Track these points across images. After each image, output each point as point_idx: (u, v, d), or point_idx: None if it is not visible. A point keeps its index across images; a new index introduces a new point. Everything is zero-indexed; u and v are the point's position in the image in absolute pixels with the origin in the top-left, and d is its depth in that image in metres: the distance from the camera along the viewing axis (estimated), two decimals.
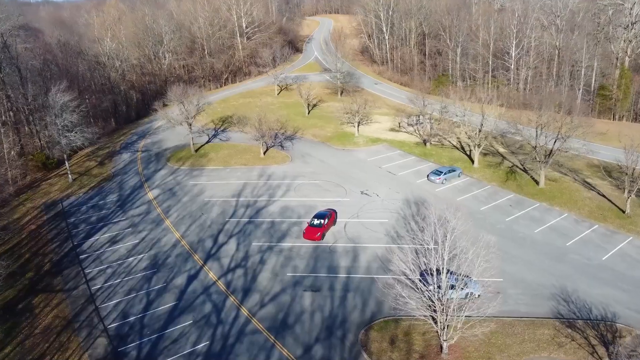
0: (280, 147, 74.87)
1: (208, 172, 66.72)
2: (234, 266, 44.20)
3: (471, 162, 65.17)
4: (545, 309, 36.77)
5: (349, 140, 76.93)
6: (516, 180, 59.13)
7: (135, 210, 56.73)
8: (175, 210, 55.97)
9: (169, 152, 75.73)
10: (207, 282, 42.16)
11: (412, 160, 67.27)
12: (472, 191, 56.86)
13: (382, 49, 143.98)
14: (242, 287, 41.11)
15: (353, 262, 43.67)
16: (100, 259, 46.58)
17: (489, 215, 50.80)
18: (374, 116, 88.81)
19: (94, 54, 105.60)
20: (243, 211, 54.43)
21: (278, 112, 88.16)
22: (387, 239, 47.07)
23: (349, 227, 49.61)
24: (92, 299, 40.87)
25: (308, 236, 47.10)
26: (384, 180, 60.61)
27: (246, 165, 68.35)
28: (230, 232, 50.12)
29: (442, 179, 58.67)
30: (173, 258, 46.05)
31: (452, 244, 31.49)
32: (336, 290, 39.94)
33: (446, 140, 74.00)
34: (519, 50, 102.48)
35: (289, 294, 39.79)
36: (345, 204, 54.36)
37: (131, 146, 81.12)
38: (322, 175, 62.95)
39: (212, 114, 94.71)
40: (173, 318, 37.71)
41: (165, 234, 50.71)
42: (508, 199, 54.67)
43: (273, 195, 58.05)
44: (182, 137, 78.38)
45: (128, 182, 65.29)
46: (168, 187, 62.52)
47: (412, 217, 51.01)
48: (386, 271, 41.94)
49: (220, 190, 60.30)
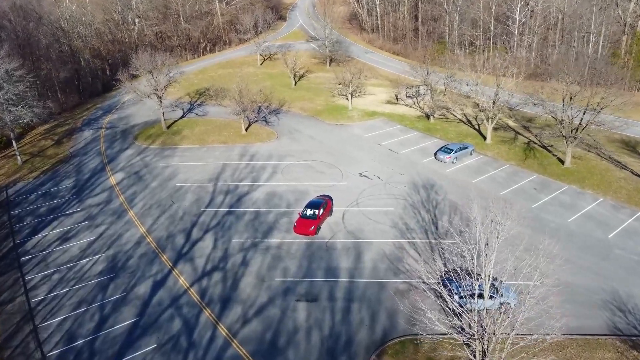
0: (264, 122, 66.15)
1: (181, 152, 57.88)
2: (210, 269, 36.12)
3: (482, 137, 57.40)
4: (599, 321, 29.67)
5: (342, 114, 68.40)
6: (537, 158, 51.61)
7: (94, 198, 47.95)
8: (141, 198, 47.35)
9: (138, 129, 66.44)
10: (177, 290, 34.09)
11: (415, 137, 59.19)
12: (487, 171, 49.23)
13: (372, 15, 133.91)
14: (220, 296, 33.15)
15: (356, 262, 35.91)
16: (47, 262, 38.08)
17: (512, 201, 43.26)
18: (368, 87, 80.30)
19: (55, 18, 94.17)
20: (222, 199, 46.09)
21: (261, 84, 78.86)
22: (394, 232, 39.33)
23: (348, 217, 41.72)
24: (30, 315, 32.57)
25: (300, 230, 39.07)
26: (385, 160, 52.59)
27: (225, 143, 59.59)
28: (207, 225, 41.87)
29: (452, 157, 50.83)
30: (136, 259, 37.76)
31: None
32: (337, 300, 32.25)
33: (451, 113, 66.03)
34: (523, 14, 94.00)
35: (278, 306, 32.00)
36: (342, 189, 46.35)
37: (95, 122, 71.45)
38: (314, 155, 54.64)
39: (188, 86, 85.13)
40: (132, 341, 29.71)
41: (127, 228, 42.24)
42: (531, 180, 47.16)
43: (257, 179, 49.71)
44: (152, 112, 68.89)
45: (88, 165, 56.16)
46: (134, 170, 53.63)
47: (422, 204, 43.29)
48: (397, 273, 34.34)
49: (195, 173, 51.69)
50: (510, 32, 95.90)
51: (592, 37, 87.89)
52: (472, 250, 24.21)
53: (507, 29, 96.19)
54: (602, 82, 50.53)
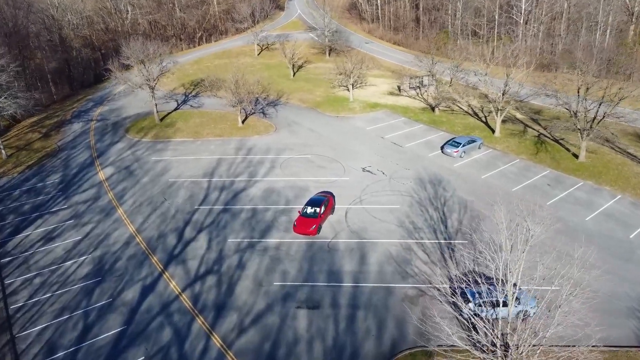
0: (261, 114, 63.38)
1: (174, 146, 55.12)
2: (204, 272, 33.57)
3: (491, 130, 54.78)
4: (626, 331, 27.25)
5: (343, 105, 65.62)
6: (548, 152, 49.04)
7: (82, 195, 45.24)
8: (131, 194, 44.68)
9: (129, 122, 63.56)
10: (168, 295, 31.56)
11: (419, 129, 56.52)
12: (498, 166, 46.67)
13: (372, 5, 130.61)
14: (214, 303, 30.63)
15: (360, 264, 33.40)
16: (28, 264, 35.44)
17: (526, 198, 40.76)
18: (369, 78, 77.52)
19: (45, 6, 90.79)
20: (217, 195, 43.46)
21: (259, 74, 75.83)
22: (401, 231, 36.80)
23: (352, 215, 39.16)
24: (8, 324, 30.00)
25: (300, 229, 36.51)
26: (388, 154, 49.97)
27: (221, 136, 56.84)
28: (200, 224, 39.27)
29: (460, 151, 48.24)
30: (124, 261, 35.17)
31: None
32: (341, 307, 29.77)
33: (457, 105, 63.34)
34: (529, 3, 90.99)
35: (277, 313, 29.51)
36: (345, 185, 43.77)
37: (85, 114, 68.50)
38: (314, 148, 51.98)
39: (183, 77, 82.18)
40: (118, 352, 27.19)
41: (116, 227, 39.61)
42: (544, 176, 44.62)
43: (254, 174, 47.06)
44: (145, 104, 65.83)
45: (76, 159, 53.37)
46: (124, 165, 50.89)
47: (429, 201, 40.75)
48: (405, 277, 31.87)
49: (188, 168, 49.00)
50: (515, 21, 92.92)
51: (599, 27, 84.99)
52: (493, 256, 21.75)
53: (512, 18, 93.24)
54: (620, 71, 47.85)
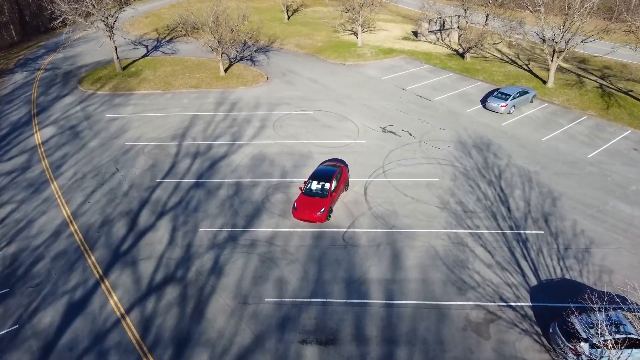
0: (249, 61, 51.30)
1: (137, 100, 43.21)
2: (161, 281, 22.63)
3: (540, 80, 43.31)
4: None
5: (350, 51, 53.49)
6: (622, 107, 37.90)
7: (7, 163, 33.69)
8: (72, 163, 33.18)
9: (85, 71, 51.17)
10: (104, 320, 20.68)
11: (449, 79, 44.90)
12: (561, 125, 35.52)
13: None
14: (174, 334, 19.83)
15: (393, 268, 22.59)
16: None
17: (606, 168, 29.91)
18: (377, 23, 65.27)
19: None
20: (187, 165, 32.12)
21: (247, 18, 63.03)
22: (446, 216, 25.90)
23: (373, 193, 28.10)
24: None
25: (303, 214, 25.37)
26: (414, 110, 38.56)
27: (198, 88, 44.92)
28: (162, 205, 28.09)
29: (509, 105, 36.91)
30: (47, 262, 24.10)
31: None
32: (370, 340, 19.11)
33: (489, 51, 51.61)
34: None
35: (270, 352, 18.82)
36: (361, 151, 32.56)
37: (32, 63, 55.80)
38: (317, 103, 40.42)
39: (157, 21, 69.24)
40: None
41: (45, 209, 28.34)
42: (625, 137, 33.61)
43: (239, 135, 35.61)
44: (109, 51, 53.41)
45: (9, 116, 41.41)
46: (70, 124, 39.09)
47: (478, 172, 29.72)
48: (462, 290, 21.13)
49: (153, 128, 37.39)
50: None
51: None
52: None
53: None
54: None
